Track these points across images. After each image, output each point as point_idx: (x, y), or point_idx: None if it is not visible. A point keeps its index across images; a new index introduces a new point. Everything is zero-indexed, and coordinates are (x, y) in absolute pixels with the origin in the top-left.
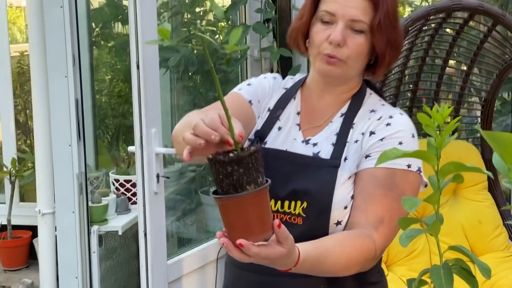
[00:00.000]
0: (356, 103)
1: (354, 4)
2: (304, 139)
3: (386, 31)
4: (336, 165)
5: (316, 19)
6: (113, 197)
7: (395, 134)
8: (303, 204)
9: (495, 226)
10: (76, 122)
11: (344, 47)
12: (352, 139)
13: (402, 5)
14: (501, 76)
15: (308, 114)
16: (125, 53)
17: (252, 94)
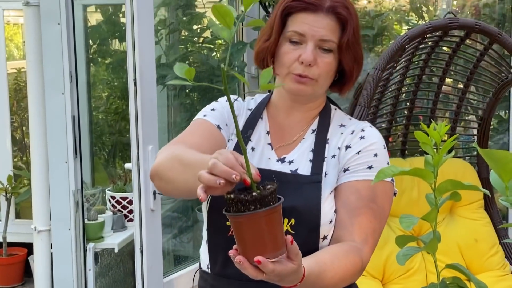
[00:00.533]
0: (325, 119)
1: (323, 24)
2: (278, 158)
3: (353, 49)
4: (319, 180)
5: (284, 39)
6: (109, 214)
7: (369, 147)
8: (290, 221)
9: (492, 245)
10: (72, 139)
11: (314, 66)
12: (329, 154)
13: (399, 23)
14: (498, 94)
15: (278, 133)
16: (122, 70)
17: (218, 119)
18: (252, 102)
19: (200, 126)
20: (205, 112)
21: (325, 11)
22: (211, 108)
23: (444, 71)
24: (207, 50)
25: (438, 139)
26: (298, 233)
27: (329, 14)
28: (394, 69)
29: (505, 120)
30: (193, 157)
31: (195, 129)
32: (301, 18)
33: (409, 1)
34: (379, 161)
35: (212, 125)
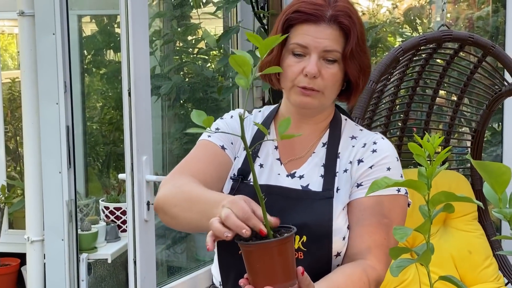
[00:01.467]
0: (335, 131)
1: (325, 35)
2: (288, 173)
3: (358, 58)
4: (331, 196)
5: (286, 51)
6: (102, 224)
7: (382, 161)
8: (302, 238)
9: (485, 257)
10: (66, 149)
11: (319, 78)
12: (341, 169)
13: (393, 35)
14: (491, 106)
15: (287, 147)
16: (116, 80)
17: (223, 138)
18: (259, 115)
19: (204, 149)
20: (209, 132)
21: (327, 21)
22: (215, 127)
23: (438, 83)
24: (202, 61)
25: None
26: (309, 251)
27: (332, 24)
28: (388, 81)
29: (499, 132)
30: (199, 196)
31: (200, 153)
32: (303, 30)
33: (403, 13)
34: (392, 174)
35: (216, 147)
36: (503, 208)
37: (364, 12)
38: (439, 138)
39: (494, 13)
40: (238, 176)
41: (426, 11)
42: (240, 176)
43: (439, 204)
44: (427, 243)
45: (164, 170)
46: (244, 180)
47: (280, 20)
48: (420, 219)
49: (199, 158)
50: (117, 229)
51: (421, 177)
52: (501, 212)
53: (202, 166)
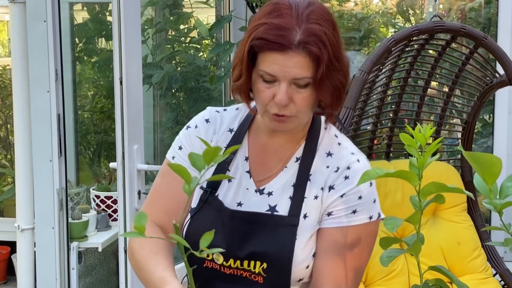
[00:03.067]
0: (312, 144)
1: (294, 63)
2: (257, 188)
3: (330, 79)
4: (295, 224)
5: (257, 75)
6: (93, 213)
7: (354, 189)
8: (262, 265)
9: (474, 248)
10: (57, 138)
11: (291, 104)
12: (311, 194)
13: (386, 26)
14: (482, 98)
15: (259, 158)
16: (108, 69)
17: (186, 158)
18: (236, 122)
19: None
20: (174, 151)
21: (294, 48)
22: (178, 145)
23: (429, 74)
24: (194, 50)
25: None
26: (269, 277)
27: (300, 50)
28: (380, 71)
29: (490, 124)
30: (146, 272)
31: (164, 186)
32: (270, 58)
33: (395, 4)
34: (364, 203)
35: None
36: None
37: (357, 3)
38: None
39: (486, 4)
40: (207, 189)
41: (419, 2)
42: (209, 189)
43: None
44: (417, 233)
45: (155, 159)
46: (213, 192)
47: (246, 44)
48: (410, 210)
49: (163, 192)
50: (108, 218)
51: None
52: (492, 203)
53: (166, 203)
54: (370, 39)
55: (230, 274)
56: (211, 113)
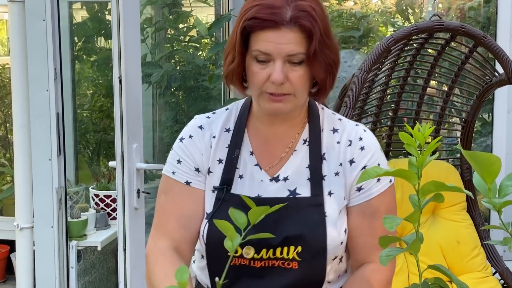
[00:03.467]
0: (315, 125)
1: (287, 39)
2: (271, 177)
3: (323, 56)
4: (321, 203)
5: (250, 58)
6: (92, 212)
7: (372, 158)
8: (297, 249)
9: (473, 247)
10: (56, 136)
11: (287, 82)
12: (331, 172)
13: (385, 25)
14: (482, 97)
15: (263, 148)
16: (107, 67)
17: (186, 170)
18: (231, 121)
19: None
20: (172, 166)
21: (287, 24)
22: (176, 159)
23: (429, 73)
24: (193, 49)
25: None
26: (304, 260)
27: (292, 26)
28: (380, 70)
29: (489, 123)
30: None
31: (168, 206)
32: (264, 37)
33: (395, 3)
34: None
35: (182, 186)
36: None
37: (356, 2)
38: (429, 128)
39: (485, 3)
40: (223, 186)
41: (418, 1)
42: (224, 185)
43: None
44: (416, 232)
45: (154, 158)
46: (228, 189)
47: (239, 26)
48: (409, 209)
49: (170, 211)
50: (107, 216)
51: (412, 167)
52: (491, 202)
53: (176, 220)
54: (369, 38)
55: (261, 267)
56: (202, 119)
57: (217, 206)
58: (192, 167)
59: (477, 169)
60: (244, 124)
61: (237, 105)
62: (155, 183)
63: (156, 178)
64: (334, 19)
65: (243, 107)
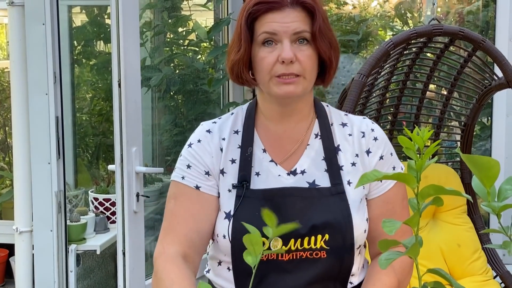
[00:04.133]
0: (324, 120)
1: (291, 18)
2: (288, 171)
3: (327, 34)
4: (342, 191)
5: (257, 45)
6: (91, 216)
7: (386, 149)
8: (324, 237)
9: (474, 250)
10: (56, 140)
11: (296, 62)
12: (347, 162)
13: (384, 29)
14: (481, 100)
15: (275, 145)
16: (106, 71)
17: (196, 174)
18: (239, 123)
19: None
20: (182, 171)
21: (290, 4)
22: (186, 164)
23: (428, 77)
24: (192, 52)
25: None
26: (332, 248)
27: (295, 6)
28: (379, 74)
29: (488, 127)
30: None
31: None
32: (268, 19)
33: (394, 7)
34: (395, 158)
35: (192, 191)
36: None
37: (355, 6)
38: (428, 132)
39: (484, 7)
40: (242, 183)
41: (417, 5)
42: (244, 182)
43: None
44: (415, 236)
45: (153, 162)
46: (248, 185)
47: (243, 16)
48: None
49: (180, 215)
50: (106, 220)
51: (411, 170)
52: (490, 206)
53: (186, 224)
54: (368, 42)
55: (289, 260)
56: (209, 124)
57: (238, 202)
58: (202, 171)
59: (476, 172)
60: (252, 124)
61: (241, 108)
62: (154, 187)
63: (156, 182)
64: (333, 23)
65: (249, 108)
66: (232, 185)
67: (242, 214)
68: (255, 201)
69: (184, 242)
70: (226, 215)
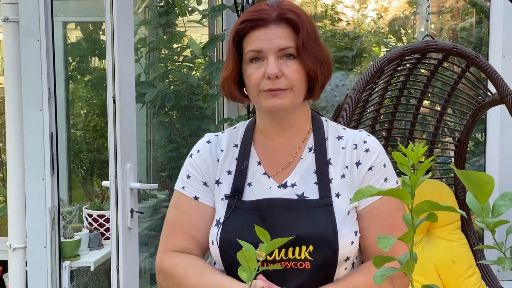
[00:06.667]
0: (320, 134)
1: (276, 34)
2: (279, 184)
3: (312, 49)
4: (329, 203)
5: (245, 62)
6: (86, 232)
7: (378, 159)
8: (309, 248)
9: (468, 266)
10: (50, 156)
11: (282, 77)
12: (337, 175)
13: (378, 45)
14: (475, 116)
15: (270, 158)
16: (101, 87)
17: (195, 185)
18: (238, 137)
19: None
20: (183, 181)
21: (274, 21)
22: (186, 174)
23: (422, 93)
24: (187, 68)
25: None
26: (316, 259)
27: (279, 23)
28: (373, 90)
29: (482, 143)
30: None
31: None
32: (254, 36)
33: (388, 23)
34: (389, 170)
35: (190, 201)
36: (486, 218)
37: (349, 22)
38: (423, 148)
39: (477, 24)
40: (234, 194)
41: (411, 21)
42: (236, 193)
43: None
44: (410, 252)
45: (148, 178)
46: (240, 197)
47: (231, 35)
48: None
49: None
50: (100, 236)
51: (405, 186)
52: (484, 222)
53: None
54: (362, 58)
55: (273, 270)
56: (211, 136)
57: (229, 212)
58: (200, 182)
59: (470, 188)
60: (250, 139)
61: (243, 123)
62: (148, 203)
63: (150, 198)
64: (327, 39)
65: (249, 124)
66: (225, 195)
67: (230, 223)
68: (244, 212)
69: (185, 246)
70: (216, 222)
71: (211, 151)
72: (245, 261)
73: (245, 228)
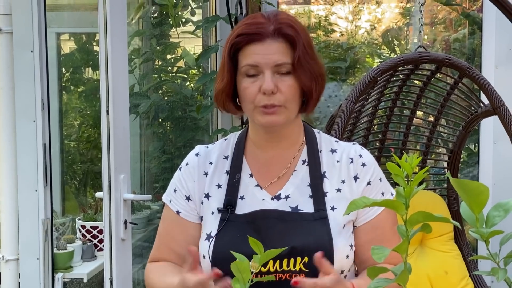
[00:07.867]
0: (313, 146)
1: (273, 50)
2: (272, 196)
3: (307, 65)
4: (325, 216)
5: (240, 75)
6: (79, 243)
7: (374, 174)
8: (303, 260)
9: (461, 277)
10: (43, 167)
11: (277, 93)
12: (332, 188)
13: (371, 56)
14: (467, 127)
15: (262, 170)
16: (95, 98)
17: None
18: (229, 149)
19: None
20: (169, 195)
21: (271, 36)
22: (173, 188)
23: (415, 104)
24: (181, 79)
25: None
26: (311, 271)
27: (276, 37)
28: (366, 101)
29: (475, 153)
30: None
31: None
32: (251, 50)
33: (381, 34)
34: (384, 183)
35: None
36: (480, 228)
37: (343, 33)
38: (417, 159)
39: (470, 35)
40: (227, 207)
41: (404, 32)
42: (229, 206)
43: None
44: (404, 263)
45: (142, 189)
46: (233, 210)
47: (226, 47)
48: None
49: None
50: (94, 248)
51: (399, 197)
52: (478, 232)
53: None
54: (356, 69)
55: (268, 282)
56: (201, 148)
57: (221, 226)
58: (183, 196)
59: (465, 198)
60: (242, 151)
61: (235, 135)
62: (142, 214)
63: (144, 209)
64: (321, 50)
65: (240, 135)
66: (217, 209)
67: (224, 236)
68: (238, 224)
69: (171, 259)
70: (207, 236)
71: (198, 164)
72: (239, 272)
73: (239, 241)
